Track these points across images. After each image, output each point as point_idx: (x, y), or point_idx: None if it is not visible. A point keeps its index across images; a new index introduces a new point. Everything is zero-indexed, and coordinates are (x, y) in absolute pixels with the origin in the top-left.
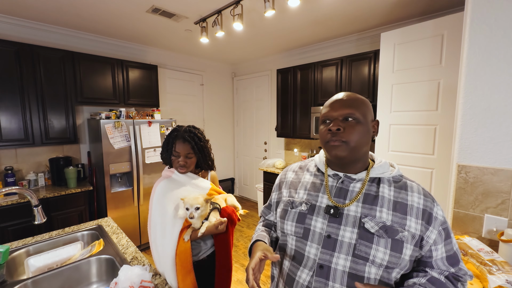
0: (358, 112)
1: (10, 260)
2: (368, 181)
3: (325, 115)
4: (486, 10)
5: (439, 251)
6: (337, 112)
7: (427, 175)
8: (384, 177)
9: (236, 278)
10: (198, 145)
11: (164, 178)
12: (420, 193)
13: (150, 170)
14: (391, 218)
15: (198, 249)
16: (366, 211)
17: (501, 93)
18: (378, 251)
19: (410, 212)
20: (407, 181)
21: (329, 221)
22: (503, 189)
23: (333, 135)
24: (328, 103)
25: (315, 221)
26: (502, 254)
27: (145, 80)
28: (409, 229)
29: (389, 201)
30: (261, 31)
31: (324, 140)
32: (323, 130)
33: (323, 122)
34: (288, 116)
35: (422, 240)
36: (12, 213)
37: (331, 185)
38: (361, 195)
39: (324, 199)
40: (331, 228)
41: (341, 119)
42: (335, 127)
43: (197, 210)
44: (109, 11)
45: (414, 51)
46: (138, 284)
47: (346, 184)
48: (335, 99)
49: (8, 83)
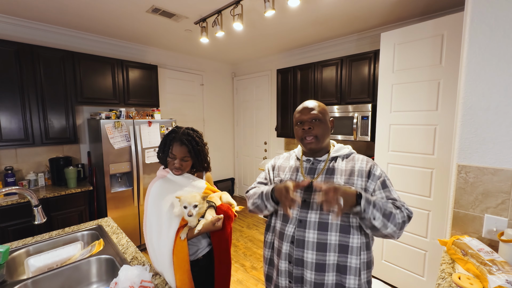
0: (320, 115)
1: (10, 260)
2: (329, 160)
3: (298, 119)
4: (486, 10)
5: (378, 195)
6: (307, 116)
7: (427, 175)
8: (339, 155)
9: (236, 278)
10: (195, 149)
11: (159, 178)
12: (363, 161)
13: (150, 170)
14: (344, 180)
15: (195, 248)
16: (327, 179)
17: (501, 93)
18: None
19: (357, 174)
20: (355, 155)
21: (304, 191)
22: (503, 189)
23: (306, 133)
24: (299, 110)
25: (296, 192)
26: (502, 254)
27: (145, 80)
28: (356, 185)
29: (341, 170)
30: (261, 31)
31: (299, 137)
32: (298, 130)
33: (297, 124)
34: (288, 116)
35: (366, 190)
36: (12, 213)
37: (305, 167)
38: (324, 170)
39: (301, 177)
40: (306, 195)
41: (309, 120)
42: (307, 126)
43: (195, 208)
44: (109, 11)
45: (414, 51)
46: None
47: (315, 165)
48: (304, 107)
49: (8, 83)
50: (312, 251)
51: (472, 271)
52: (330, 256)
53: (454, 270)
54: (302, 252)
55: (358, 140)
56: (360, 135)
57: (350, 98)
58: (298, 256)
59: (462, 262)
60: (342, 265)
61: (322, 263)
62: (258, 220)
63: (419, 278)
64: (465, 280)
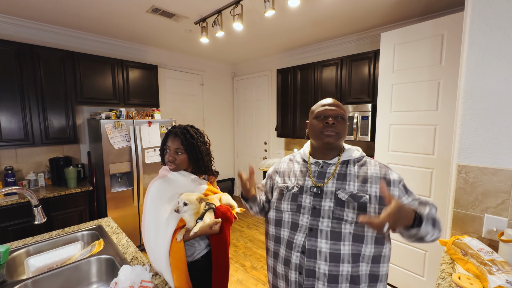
0: (343, 114)
1: (10, 260)
2: (340, 164)
3: (321, 112)
4: (486, 10)
5: (405, 202)
6: (332, 111)
7: (427, 175)
8: (351, 159)
9: (236, 278)
10: (188, 142)
11: (159, 178)
12: (376, 166)
13: (150, 170)
14: (357, 187)
15: (193, 250)
16: (339, 185)
17: (501, 93)
18: (349, 212)
19: (371, 180)
20: (367, 160)
21: (314, 197)
22: (503, 189)
23: (328, 127)
24: (323, 103)
25: (305, 198)
26: (502, 254)
27: (145, 80)
28: (370, 193)
29: (354, 176)
30: (261, 31)
31: (318, 130)
32: (317, 124)
33: (317, 117)
34: (288, 116)
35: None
36: (12, 213)
37: (313, 170)
38: (335, 175)
39: (309, 181)
40: (316, 202)
41: (334, 116)
42: (332, 121)
43: (185, 206)
44: (109, 11)
45: (414, 51)
46: (138, 284)
47: (325, 168)
48: (328, 102)
49: (8, 83)
50: (325, 262)
51: (472, 271)
52: (344, 267)
53: (454, 270)
54: (314, 262)
55: (358, 140)
56: (360, 135)
57: (350, 98)
58: (310, 267)
59: (462, 262)
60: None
61: (336, 274)
62: (258, 220)
63: (419, 278)
64: (465, 280)
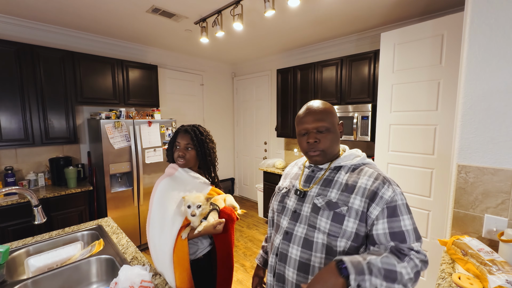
0: (327, 123)
1: (10, 260)
2: (330, 169)
3: (302, 128)
4: (486, 10)
5: (380, 226)
6: (311, 125)
7: (427, 175)
8: (346, 165)
9: (236, 278)
10: (198, 138)
11: (166, 176)
12: (371, 177)
13: (150, 170)
14: (338, 196)
15: (195, 248)
16: (321, 191)
17: (501, 93)
18: (322, 220)
19: (357, 191)
20: (364, 168)
21: (297, 200)
22: (503, 189)
23: (311, 146)
24: (302, 115)
25: (289, 200)
26: (502, 254)
27: (145, 80)
28: (352, 205)
29: (340, 184)
30: (261, 31)
31: (304, 150)
32: (302, 141)
33: (300, 133)
34: (288, 116)
35: (367, 216)
36: (12, 213)
37: (305, 174)
38: (321, 180)
39: (297, 184)
40: (298, 205)
41: (315, 131)
42: (313, 139)
43: (199, 208)
44: (109, 11)
45: (414, 51)
46: (138, 284)
47: (314, 172)
48: (308, 111)
49: (8, 83)
50: (293, 270)
51: (472, 271)
52: None
53: (454, 270)
54: (284, 268)
55: (358, 140)
56: (360, 135)
57: (350, 98)
58: (280, 271)
59: (462, 262)
60: None
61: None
62: (258, 220)
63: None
64: (465, 280)
